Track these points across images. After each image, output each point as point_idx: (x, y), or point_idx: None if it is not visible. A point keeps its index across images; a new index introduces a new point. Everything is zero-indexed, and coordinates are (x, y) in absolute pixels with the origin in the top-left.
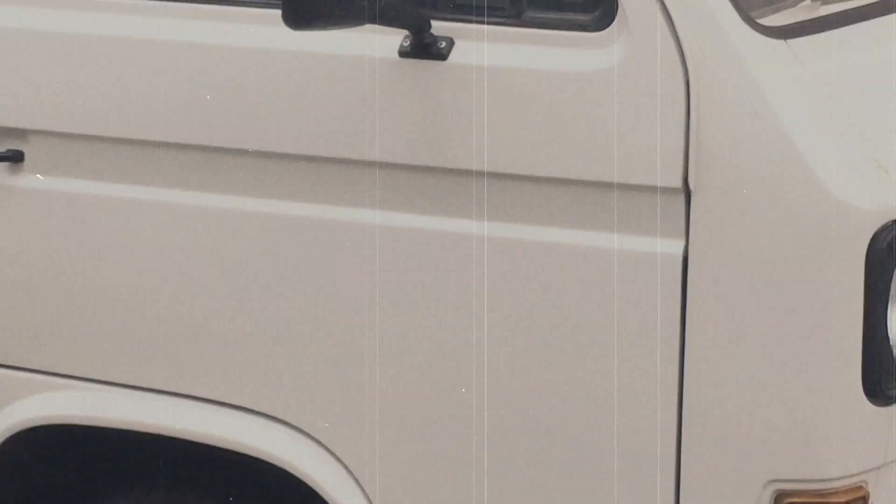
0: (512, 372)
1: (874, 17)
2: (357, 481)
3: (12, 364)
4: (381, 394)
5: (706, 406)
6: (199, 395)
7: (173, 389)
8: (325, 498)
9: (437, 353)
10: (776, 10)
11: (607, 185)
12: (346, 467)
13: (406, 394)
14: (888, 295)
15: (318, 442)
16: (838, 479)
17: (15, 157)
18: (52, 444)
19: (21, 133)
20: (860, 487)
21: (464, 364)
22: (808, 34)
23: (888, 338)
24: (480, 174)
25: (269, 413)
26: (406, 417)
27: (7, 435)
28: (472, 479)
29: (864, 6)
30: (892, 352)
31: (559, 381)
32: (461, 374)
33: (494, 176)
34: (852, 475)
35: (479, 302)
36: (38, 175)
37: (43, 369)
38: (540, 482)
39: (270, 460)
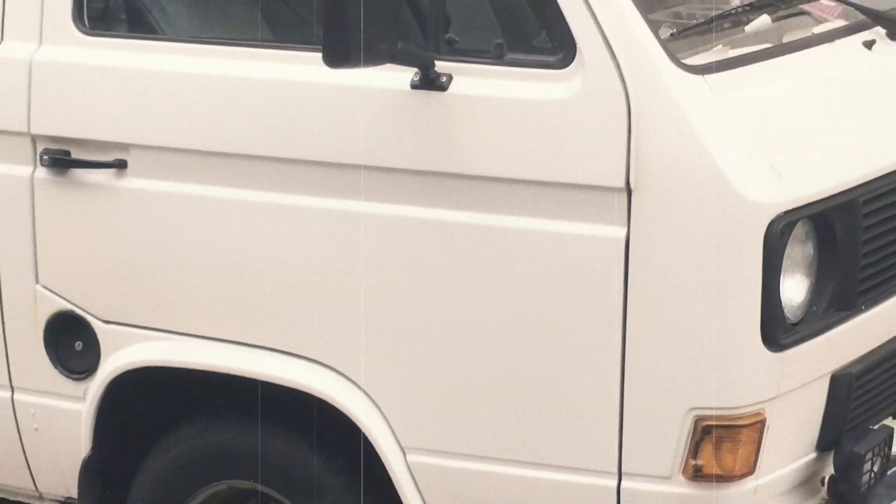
0: (498, 326)
1: (770, 59)
2: (377, 406)
3: (119, 321)
4: (395, 347)
5: (643, 353)
6: (258, 343)
7: (238, 340)
8: (352, 418)
9: (437, 318)
10: (696, 53)
11: (570, 185)
12: (369, 396)
13: (414, 347)
14: (781, 267)
15: (349, 378)
16: (742, 407)
17: (120, 165)
18: (147, 383)
19: (125, 146)
20: (759, 413)
21: (461, 321)
22: (719, 71)
23: (780, 300)
24: (473, 176)
25: (315, 356)
26: (414, 364)
27: (115, 374)
28: (459, 403)
29: (761, 51)
30: (783, 311)
31: (533, 330)
32: (458, 330)
33: (484, 178)
34: (753, 404)
35: (474, 272)
36: (139, 180)
37: (141, 325)
38: (518, 411)
39: (319, 395)
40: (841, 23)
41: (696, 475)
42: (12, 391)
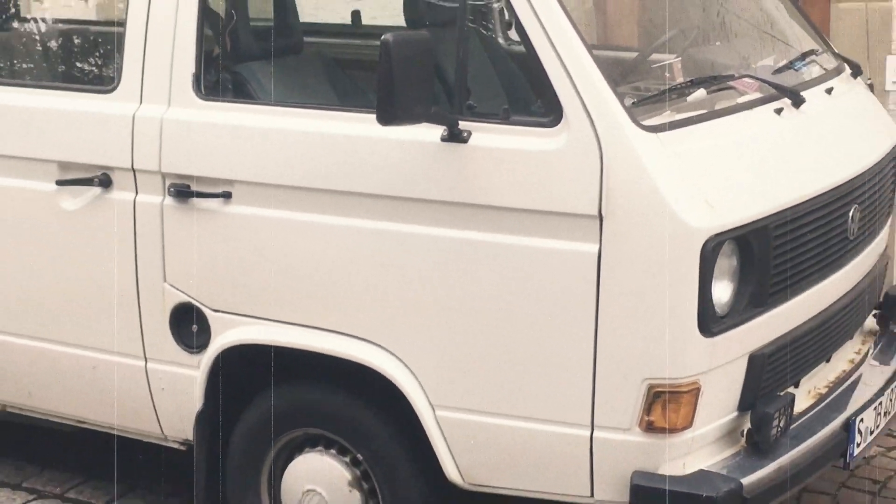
0: (504, 315)
1: (706, 121)
2: (413, 374)
3: (225, 310)
4: (426, 330)
5: (611, 337)
6: (326, 327)
7: (311, 324)
8: (395, 383)
9: (457, 308)
10: (651, 116)
11: (557, 213)
12: (407, 367)
13: (441, 330)
14: (712, 275)
15: (392, 353)
16: (683, 378)
17: (226, 195)
18: (245, 355)
19: (230, 182)
20: (695, 383)
21: (475, 311)
22: (668, 130)
23: (711, 299)
24: (487, 206)
25: (368, 337)
26: (441, 342)
27: (222, 349)
28: (475, 372)
29: (698, 115)
30: (714, 307)
31: (530, 318)
32: (473, 318)
33: (495, 207)
34: (691, 376)
35: (485, 274)
36: (240, 206)
37: (241, 313)
38: (517, 379)
39: (371, 367)
40: (757, 95)
41: (649, 428)
42: (146, 361)
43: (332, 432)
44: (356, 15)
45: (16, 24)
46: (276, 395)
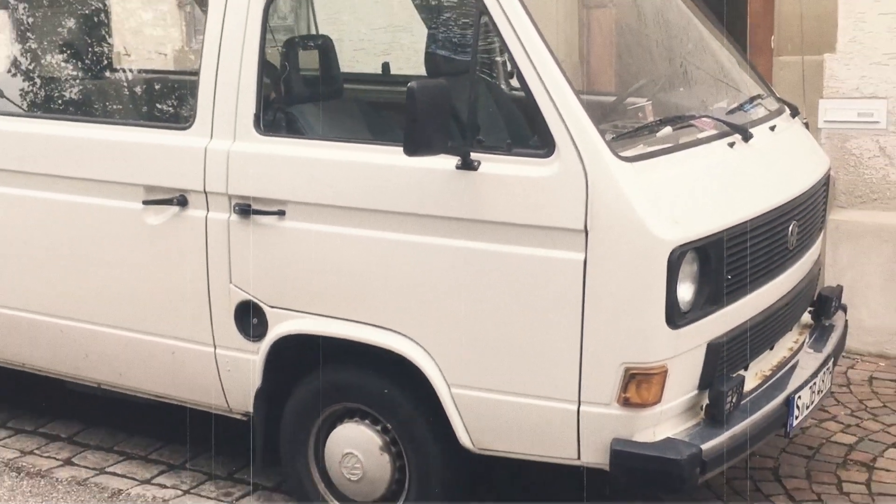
0: (507, 309)
1: (671, 153)
2: (432, 358)
3: (280, 306)
4: (443, 322)
5: (594, 328)
6: (362, 320)
7: (350, 318)
8: (418, 366)
9: (469, 305)
10: (627, 149)
11: (551, 227)
12: (428, 353)
13: (456, 323)
14: (677, 279)
15: (416, 342)
16: (653, 362)
17: (281, 213)
18: (296, 343)
19: (283, 202)
20: (663, 366)
21: (483, 307)
22: (641, 160)
23: (677, 298)
24: (493, 221)
25: (395, 328)
26: (456, 332)
27: (277, 338)
28: (483, 357)
29: (665, 148)
30: (678, 304)
31: (529, 312)
32: (482, 312)
33: (500, 223)
34: (660, 360)
35: (492, 277)
36: (292, 222)
37: (293, 308)
38: (517, 361)
39: (398, 352)
40: (714, 131)
41: (626, 403)
42: (215, 348)
43: (366, 406)
44: (386, 66)
45: (108, 74)
46: (321, 375)
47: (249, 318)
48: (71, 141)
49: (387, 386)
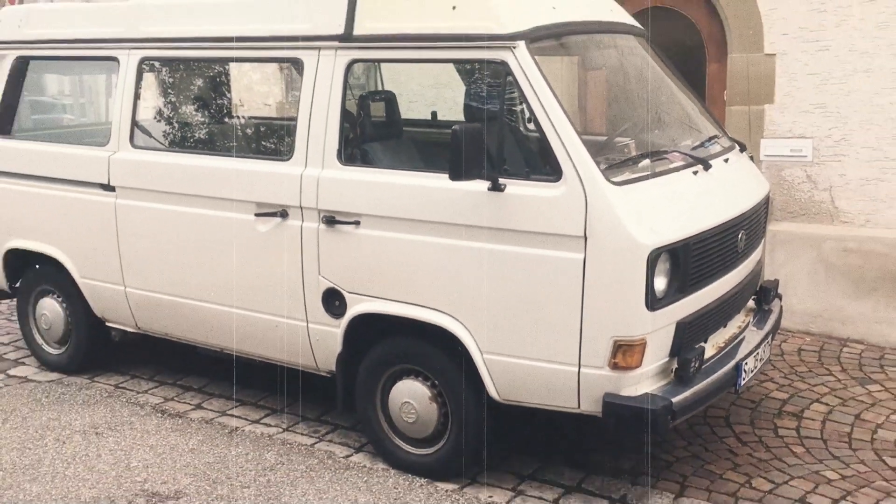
0: (525, 296)
1: (650, 179)
2: (469, 331)
3: (356, 292)
4: (477, 303)
5: (592, 310)
6: (416, 302)
7: (408, 301)
8: (458, 337)
9: (496, 292)
10: (616, 175)
11: (559, 235)
12: (465, 327)
13: (487, 303)
14: (654, 274)
15: (456, 318)
16: (636, 336)
17: (357, 223)
18: (368, 320)
19: (359, 215)
20: (643, 339)
21: (508, 294)
22: (627, 184)
23: (654, 288)
24: (516, 230)
25: (441, 308)
26: (487, 311)
27: (353, 316)
28: (509, 329)
29: (645, 175)
30: (655, 293)
31: (543, 298)
32: (508, 298)
33: (522, 231)
34: (640, 335)
35: (514, 271)
36: (365, 230)
37: (366, 294)
38: (533, 333)
39: (443, 327)
40: (682, 163)
41: (615, 367)
42: (307, 323)
43: (419, 367)
44: (434, 114)
45: (228, 119)
46: (386, 344)
47: (333, 301)
48: (200, 169)
49: (434, 352)
